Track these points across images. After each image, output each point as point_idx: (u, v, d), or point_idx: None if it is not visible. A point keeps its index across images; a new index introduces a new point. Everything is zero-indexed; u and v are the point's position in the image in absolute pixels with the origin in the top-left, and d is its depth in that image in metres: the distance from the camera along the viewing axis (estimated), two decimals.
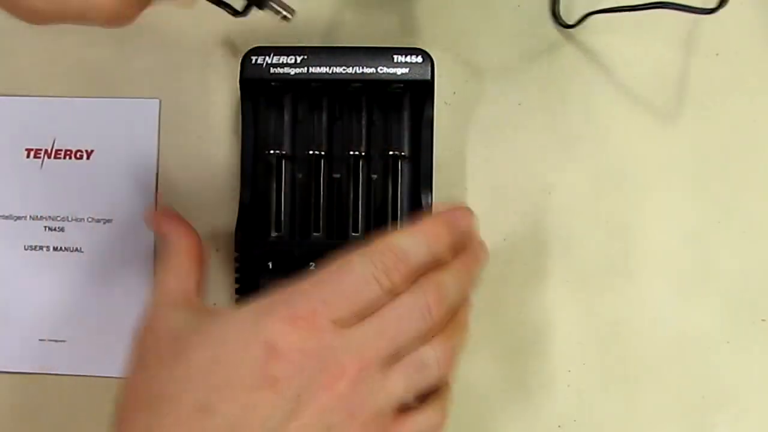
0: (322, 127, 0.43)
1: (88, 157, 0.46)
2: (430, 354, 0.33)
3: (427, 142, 0.42)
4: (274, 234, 0.43)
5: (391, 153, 0.43)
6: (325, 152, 0.43)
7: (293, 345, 0.31)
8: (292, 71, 0.41)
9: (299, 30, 0.44)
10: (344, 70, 0.41)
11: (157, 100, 0.46)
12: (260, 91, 0.43)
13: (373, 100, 0.43)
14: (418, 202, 0.42)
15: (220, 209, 0.45)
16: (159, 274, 0.40)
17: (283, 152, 0.43)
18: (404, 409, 0.33)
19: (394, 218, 0.43)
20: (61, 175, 0.46)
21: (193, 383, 0.32)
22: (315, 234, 0.43)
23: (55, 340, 0.46)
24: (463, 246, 0.37)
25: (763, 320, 0.45)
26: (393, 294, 0.33)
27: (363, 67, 0.41)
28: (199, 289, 0.39)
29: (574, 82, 0.45)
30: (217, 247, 0.45)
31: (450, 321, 0.35)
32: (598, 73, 0.46)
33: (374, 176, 0.43)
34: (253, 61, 0.41)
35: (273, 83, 0.41)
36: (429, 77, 0.41)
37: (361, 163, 0.43)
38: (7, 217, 0.46)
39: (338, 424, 0.31)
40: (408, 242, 0.34)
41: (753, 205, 0.45)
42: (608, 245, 0.45)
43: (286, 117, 0.43)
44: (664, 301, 0.45)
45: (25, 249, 0.46)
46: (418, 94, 0.42)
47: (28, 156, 0.46)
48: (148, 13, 0.36)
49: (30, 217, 0.46)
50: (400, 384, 0.33)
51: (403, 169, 0.43)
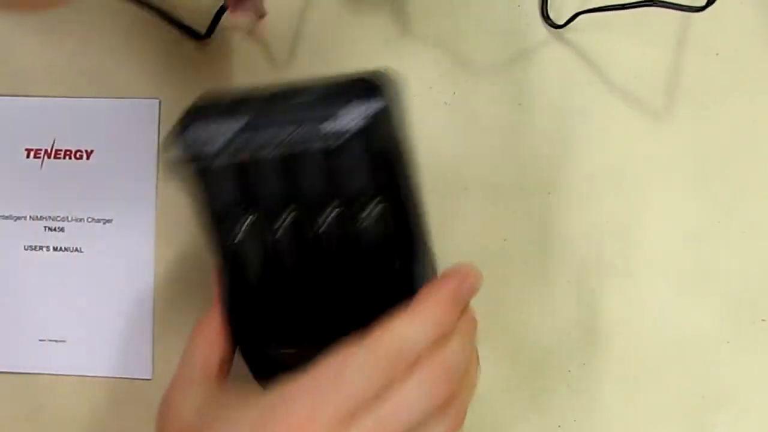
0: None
1: (88, 157, 0.46)
2: (440, 430, 0.32)
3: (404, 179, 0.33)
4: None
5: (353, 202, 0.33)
6: (294, 217, 0.34)
7: None
8: (230, 148, 0.33)
9: (297, 30, 0.44)
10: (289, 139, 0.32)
11: (157, 100, 0.46)
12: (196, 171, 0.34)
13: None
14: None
15: None
16: (190, 340, 0.37)
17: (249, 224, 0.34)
18: None
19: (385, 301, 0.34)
20: (61, 175, 0.46)
21: None
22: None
23: (55, 340, 0.46)
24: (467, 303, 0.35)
25: (763, 320, 0.45)
26: (398, 382, 0.32)
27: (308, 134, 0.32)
28: (222, 365, 0.36)
29: (573, 82, 0.45)
30: None
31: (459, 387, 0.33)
32: (595, 73, 0.46)
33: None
34: (186, 139, 0.34)
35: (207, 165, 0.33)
36: (384, 104, 0.32)
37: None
38: (7, 217, 0.46)
39: None
40: (411, 332, 0.32)
41: (753, 205, 0.45)
42: (608, 245, 0.45)
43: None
44: (664, 301, 0.45)
45: (25, 249, 0.46)
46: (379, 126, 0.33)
47: (27, 156, 0.46)
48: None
49: (30, 217, 0.46)
50: None
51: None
